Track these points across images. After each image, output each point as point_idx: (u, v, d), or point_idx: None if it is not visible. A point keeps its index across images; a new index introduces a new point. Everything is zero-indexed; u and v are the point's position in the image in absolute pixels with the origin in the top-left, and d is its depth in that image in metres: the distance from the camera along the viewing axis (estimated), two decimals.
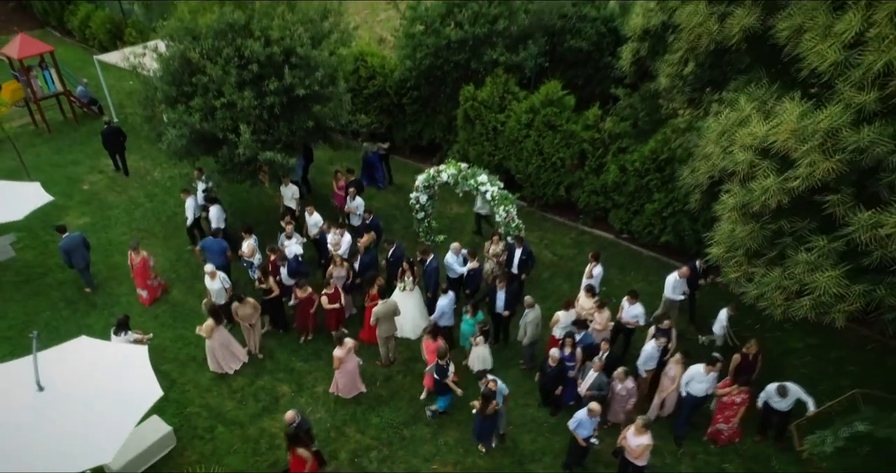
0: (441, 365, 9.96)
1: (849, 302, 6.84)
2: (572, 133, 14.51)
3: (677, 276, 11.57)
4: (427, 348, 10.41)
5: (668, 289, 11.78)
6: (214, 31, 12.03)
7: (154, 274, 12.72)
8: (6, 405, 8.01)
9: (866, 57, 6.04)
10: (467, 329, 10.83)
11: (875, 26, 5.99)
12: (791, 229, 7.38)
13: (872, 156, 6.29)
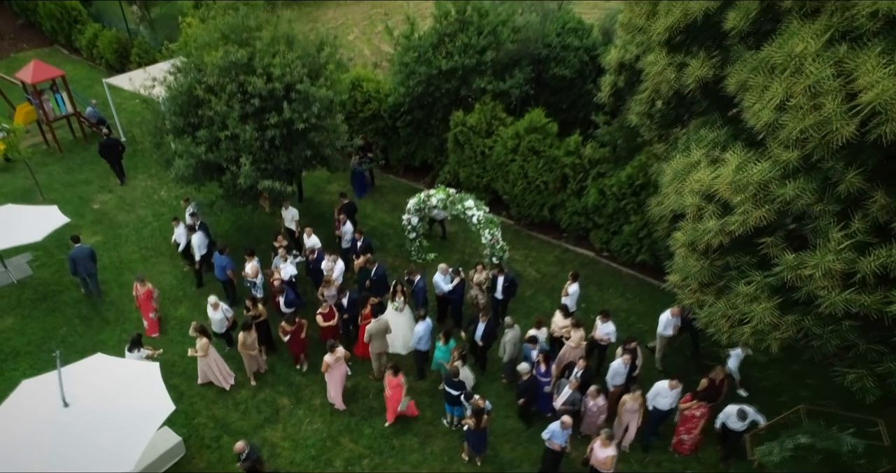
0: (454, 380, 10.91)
1: (782, 331, 7.78)
2: (555, 158, 15.44)
3: (669, 315, 11.94)
4: (389, 383, 11.11)
5: (661, 326, 12.12)
6: (220, 68, 12.95)
7: (155, 308, 13.31)
8: (35, 420, 8.93)
9: (788, 122, 6.97)
10: (440, 355, 11.71)
11: (794, 97, 6.92)
12: (735, 264, 8.32)
13: (797, 207, 7.23)
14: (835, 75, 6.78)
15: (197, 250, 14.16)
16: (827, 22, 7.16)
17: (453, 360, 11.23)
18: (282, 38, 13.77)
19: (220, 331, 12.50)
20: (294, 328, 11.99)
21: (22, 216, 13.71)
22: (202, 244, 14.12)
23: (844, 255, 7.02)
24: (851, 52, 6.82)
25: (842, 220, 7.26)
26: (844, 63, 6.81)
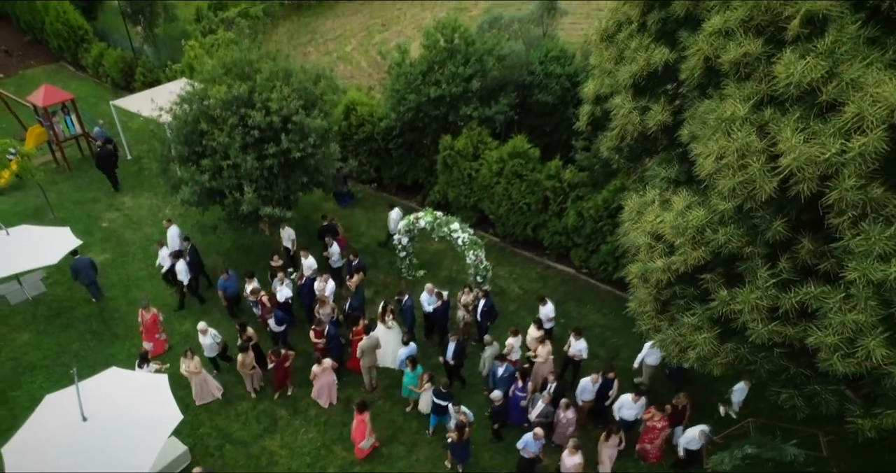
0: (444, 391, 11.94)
1: (721, 357, 8.80)
2: (537, 181, 16.45)
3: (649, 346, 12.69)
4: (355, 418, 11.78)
5: (647, 355, 12.87)
6: (222, 102, 13.94)
7: (161, 330, 14.18)
8: (56, 434, 9.94)
9: (719, 179, 7.97)
10: (409, 380, 12.58)
11: (725, 156, 7.92)
12: (681, 295, 9.32)
13: (727, 250, 8.24)
14: (760, 138, 7.79)
15: (182, 276, 14.90)
16: (756, 87, 8.17)
17: (421, 384, 12.17)
18: (280, 71, 14.74)
19: (211, 355, 13.45)
20: (279, 359, 12.81)
21: (37, 237, 14.67)
22: (184, 270, 14.88)
23: (769, 292, 8.04)
24: (774, 116, 7.84)
25: (769, 261, 8.28)
26: (768, 127, 7.83)
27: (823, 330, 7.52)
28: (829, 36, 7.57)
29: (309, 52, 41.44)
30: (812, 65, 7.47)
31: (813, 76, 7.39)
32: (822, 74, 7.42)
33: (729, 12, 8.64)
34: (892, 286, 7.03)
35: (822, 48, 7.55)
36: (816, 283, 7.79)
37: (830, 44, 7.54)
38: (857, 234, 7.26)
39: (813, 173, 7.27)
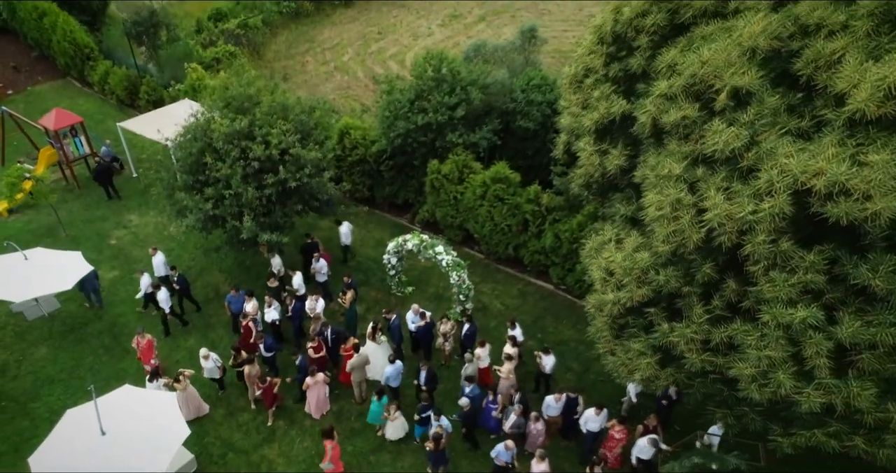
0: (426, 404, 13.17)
1: (661, 381, 10.03)
2: (517, 205, 17.64)
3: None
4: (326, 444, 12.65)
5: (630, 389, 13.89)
6: (225, 135, 15.10)
7: (155, 355, 14.92)
8: (78, 446, 11.16)
9: (657, 227, 9.18)
10: (375, 409, 13.67)
11: (662, 208, 9.11)
12: (632, 324, 10.54)
13: (668, 289, 9.45)
14: (691, 193, 9.00)
15: (164, 304, 15.88)
16: (692, 147, 9.38)
17: (387, 413, 13.34)
18: (278, 106, 15.89)
19: (213, 378, 14.61)
20: (266, 386, 13.82)
21: (53, 261, 15.79)
22: (166, 299, 15.86)
23: (703, 327, 9.26)
24: (705, 174, 9.05)
25: (704, 299, 9.50)
26: (699, 184, 9.04)
27: (743, 363, 8.76)
28: (751, 109, 8.78)
29: (307, 62, 42.53)
30: (735, 134, 8.69)
31: (735, 145, 8.61)
32: (743, 143, 8.64)
33: (673, 78, 9.85)
34: (798, 328, 8.25)
35: (745, 119, 8.77)
36: (742, 321, 9.03)
37: (752, 116, 8.75)
38: (768, 281, 8.48)
39: (732, 228, 8.49)
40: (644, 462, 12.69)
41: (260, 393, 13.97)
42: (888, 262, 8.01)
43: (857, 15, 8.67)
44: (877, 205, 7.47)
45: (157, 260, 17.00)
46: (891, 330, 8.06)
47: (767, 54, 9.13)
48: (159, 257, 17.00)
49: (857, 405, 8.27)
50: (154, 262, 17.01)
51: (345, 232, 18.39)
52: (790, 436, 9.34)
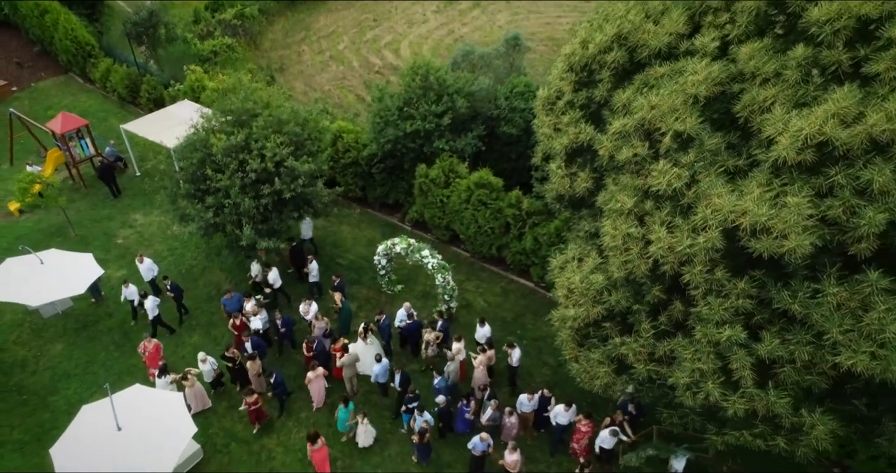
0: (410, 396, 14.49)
1: (618, 387, 11.30)
2: (500, 209, 18.78)
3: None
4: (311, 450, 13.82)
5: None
6: (224, 149, 16.16)
7: (162, 357, 15.99)
8: (97, 440, 12.46)
9: (610, 256, 10.35)
10: (342, 415, 14.66)
11: (615, 239, 10.28)
12: (592, 335, 11.78)
13: (619, 308, 10.67)
14: (640, 226, 10.17)
15: (150, 313, 16.95)
16: (643, 182, 10.51)
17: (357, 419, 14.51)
18: (274, 120, 16.90)
19: (210, 380, 15.80)
20: (252, 400, 14.80)
21: (67, 263, 16.96)
22: (153, 307, 16.96)
23: (648, 341, 10.51)
24: (652, 209, 10.20)
25: (651, 316, 10.73)
26: (647, 217, 10.20)
27: (680, 373, 10.02)
28: (692, 152, 9.91)
29: (303, 51, 43.20)
30: (677, 174, 9.83)
31: (676, 185, 9.76)
32: (684, 183, 9.78)
33: (627, 118, 10.95)
34: (725, 345, 9.50)
35: (686, 161, 9.90)
36: (683, 337, 10.28)
37: (693, 157, 9.88)
38: (706, 305, 9.70)
39: (673, 259, 9.69)
40: (606, 452, 14.06)
41: (245, 408, 14.93)
42: (805, 289, 9.23)
43: (788, 65, 9.73)
44: (791, 243, 8.64)
45: (143, 266, 17.94)
46: (806, 348, 9.32)
47: (710, 97, 10.23)
48: (147, 263, 17.96)
49: (775, 411, 9.56)
50: (141, 269, 17.94)
51: (306, 227, 19.65)
52: (723, 435, 10.66)
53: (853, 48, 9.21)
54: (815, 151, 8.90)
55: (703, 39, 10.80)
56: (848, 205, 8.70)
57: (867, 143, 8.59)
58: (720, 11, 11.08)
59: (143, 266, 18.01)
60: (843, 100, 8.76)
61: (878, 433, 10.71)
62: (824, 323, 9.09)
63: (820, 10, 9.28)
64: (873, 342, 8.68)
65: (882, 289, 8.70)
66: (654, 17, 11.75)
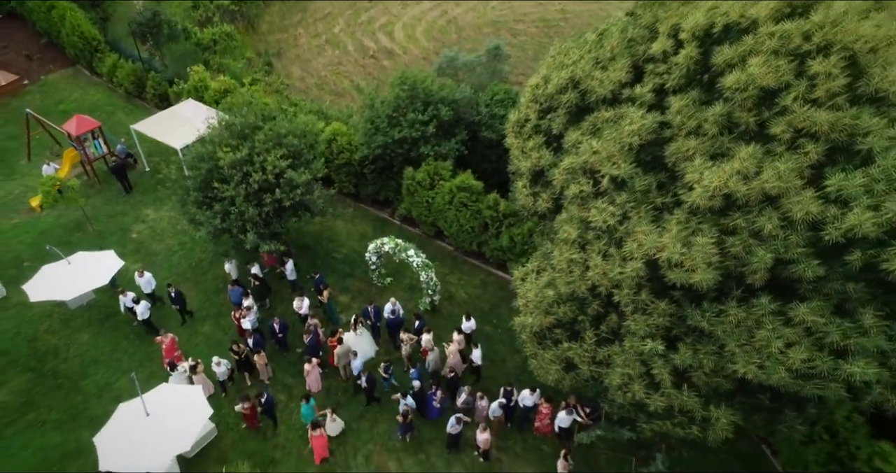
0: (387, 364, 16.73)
1: (567, 382, 13.46)
2: (479, 210, 20.71)
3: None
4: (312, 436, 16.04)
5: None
6: (230, 163, 17.98)
7: (177, 348, 18.14)
8: (130, 425, 14.69)
9: (557, 277, 12.35)
10: (305, 411, 16.46)
11: (559, 263, 12.26)
12: (548, 337, 13.89)
13: (566, 319, 12.74)
14: (582, 252, 12.16)
15: (140, 315, 18.86)
16: (587, 215, 12.43)
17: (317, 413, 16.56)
18: (273, 134, 18.67)
19: (222, 380, 17.88)
20: (248, 406, 16.66)
21: (91, 261, 18.99)
22: (144, 311, 18.86)
23: (591, 347, 12.61)
24: (593, 238, 12.17)
25: (594, 325, 12.81)
26: (587, 246, 12.18)
27: (613, 375, 12.16)
28: (624, 193, 11.83)
29: (300, 35, 44.49)
30: (612, 213, 11.77)
31: (611, 222, 11.69)
32: (617, 219, 11.72)
33: (575, 157, 12.80)
34: (648, 355, 11.60)
35: (620, 201, 11.81)
36: (618, 344, 12.37)
37: (625, 198, 11.79)
38: (633, 321, 11.77)
39: (607, 283, 11.71)
40: (564, 430, 16.34)
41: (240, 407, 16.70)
42: (713, 309, 11.30)
43: (707, 120, 11.56)
44: (697, 276, 10.65)
45: (143, 280, 19.63)
46: (712, 357, 11.44)
47: (644, 143, 12.09)
48: (146, 277, 19.68)
49: (688, 407, 11.73)
50: (141, 282, 19.62)
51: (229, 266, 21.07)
52: (650, 423, 12.87)
53: (759, 111, 11.05)
54: (723, 198, 10.83)
55: (641, 89, 12.60)
56: (745, 244, 10.68)
57: (761, 196, 10.53)
58: (659, 62, 12.83)
59: (142, 279, 19.66)
60: (745, 159, 10.64)
61: (780, 421, 12.95)
62: (725, 337, 11.20)
63: (732, 78, 11.08)
64: (761, 355, 10.78)
65: (770, 312, 10.76)
66: (603, 63, 13.49)
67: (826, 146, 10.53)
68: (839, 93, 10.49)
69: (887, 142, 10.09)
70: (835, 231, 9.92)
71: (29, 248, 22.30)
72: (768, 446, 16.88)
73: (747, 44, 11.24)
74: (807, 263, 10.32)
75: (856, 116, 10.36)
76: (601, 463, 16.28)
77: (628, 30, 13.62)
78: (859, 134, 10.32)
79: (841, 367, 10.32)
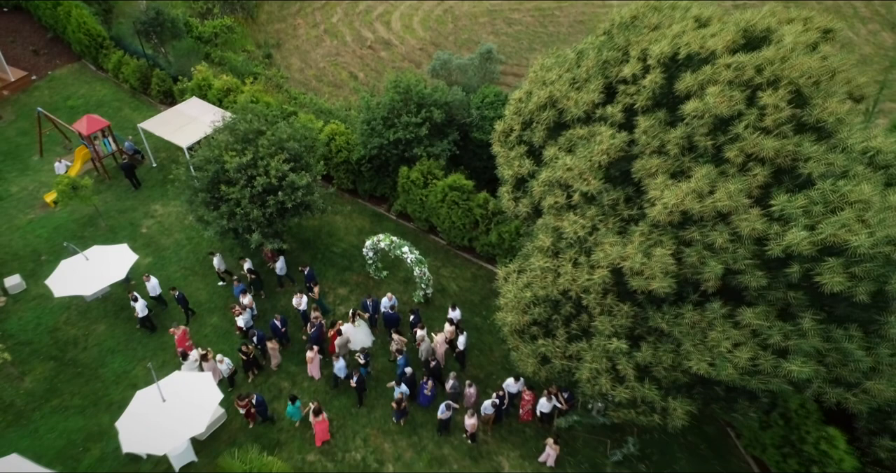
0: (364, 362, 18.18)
1: (545, 373, 14.89)
2: (470, 208, 21.99)
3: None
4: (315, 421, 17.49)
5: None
6: (236, 166, 19.21)
7: (188, 338, 19.56)
8: (146, 410, 16.15)
9: (533, 282, 13.70)
10: (290, 410, 17.82)
11: (533, 271, 13.59)
12: (526, 333, 15.28)
13: (541, 318, 14.12)
14: (554, 260, 13.48)
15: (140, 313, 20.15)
16: (560, 224, 13.74)
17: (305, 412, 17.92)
18: (276, 140, 19.86)
19: (226, 376, 19.24)
20: (243, 403, 17.94)
21: (107, 256, 20.30)
22: (142, 308, 20.13)
23: (563, 343, 14.01)
24: (564, 247, 13.49)
25: (566, 324, 14.19)
26: (560, 254, 13.51)
27: (583, 370, 13.57)
28: (594, 207, 13.11)
29: (298, 25, 45.23)
30: (581, 225, 13.07)
31: (581, 233, 13.00)
32: (586, 231, 13.03)
33: (550, 171, 14.06)
34: (614, 353, 13.00)
35: (590, 214, 13.11)
36: (587, 341, 13.77)
37: (594, 212, 13.09)
38: (600, 321, 13.14)
39: (576, 288, 13.06)
40: (545, 415, 17.84)
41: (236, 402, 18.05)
42: (671, 312, 12.67)
43: (670, 141, 12.79)
44: (656, 284, 11.99)
45: (150, 284, 20.75)
46: (670, 355, 12.84)
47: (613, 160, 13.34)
48: (153, 282, 20.80)
49: (649, 398, 13.17)
50: (148, 286, 20.75)
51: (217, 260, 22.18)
52: (617, 412, 14.33)
53: (714, 136, 12.28)
54: (681, 214, 12.13)
55: (612, 109, 13.81)
56: (700, 255, 12.01)
57: (714, 213, 11.82)
58: (630, 84, 14.01)
59: (149, 283, 20.82)
60: (700, 180, 11.93)
61: (734, 409, 14.41)
62: (682, 337, 12.61)
63: (691, 105, 12.31)
64: (712, 353, 12.18)
65: (721, 315, 12.14)
66: (578, 84, 14.68)
67: (772, 169, 11.82)
68: (785, 123, 11.73)
69: (825, 168, 11.37)
70: (776, 247, 11.24)
71: (45, 243, 23.61)
72: (732, 429, 18.39)
73: (706, 73, 12.44)
74: (752, 274, 11.67)
75: (798, 144, 11.64)
76: (579, 445, 17.81)
77: (603, 52, 14.77)
78: (801, 159, 11.60)
79: (782, 365, 11.71)
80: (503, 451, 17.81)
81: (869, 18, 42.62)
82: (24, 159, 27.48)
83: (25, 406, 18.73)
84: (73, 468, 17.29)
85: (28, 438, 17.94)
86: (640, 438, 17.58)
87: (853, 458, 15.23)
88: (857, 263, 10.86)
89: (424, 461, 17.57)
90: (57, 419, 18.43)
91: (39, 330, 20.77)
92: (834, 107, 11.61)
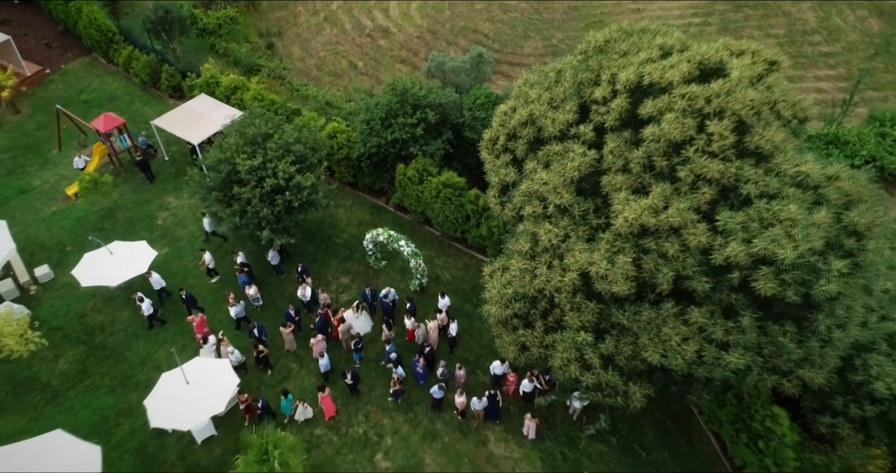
0: (357, 347, 20.22)
1: (524, 359, 16.90)
2: (462, 204, 23.80)
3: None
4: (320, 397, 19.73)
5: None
6: (248, 167, 20.97)
7: (206, 324, 21.58)
8: (172, 391, 18.21)
9: (513, 280, 15.62)
10: (284, 403, 19.61)
11: (513, 271, 15.49)
12: (508, 323, 17.25)
13: (521, 312, 16.07)
14: (531, 262, 15.38)
15: (146, 311, 21.84)
16: (537, 231, 15.59)
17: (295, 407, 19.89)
18: (283, 143, 21.58)
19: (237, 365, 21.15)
20: (244, 398, 19.81)
21: (129, 251, 22.18)
22: (148, 307, 21.85)
23: (540, 333, 15.98)
24: (541, 251, 15.37)
25: (543, 317, 16.15)
26: (536, 257, 15.39)
27: (555, 358, 15.57)
28: (566, 218, 14.94)
29: (299, 13, 46.32)
30: (555, 233, 14.92)
31: (554, 241, 14.86)
32: (559, 240, 14.89)
33: (529, 183, 15.83)
34: (581, 344, 14.97)
35: (563, 224, 14.95)
36: (560, 333, 15.74)
37: (566, 223, 14.93)
38: (570, 317, 15.09)
39: (550, 288, 14.98)
40: (527, 394, 19.96)
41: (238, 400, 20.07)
42: (631, 310, 14.60)
43: (632, 161, 14.55)
44: (617, 287, 13.89)
45: (153, 279, 22.60)
46: (630, 346, 14.82)
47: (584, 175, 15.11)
48: (155, 277, 22.62)
49: (612, 383, 15.18)
50: (151, 281, 22.65)
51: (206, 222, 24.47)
52: (587, 395, 16.38)
53: (670, 158, 14.04)
54: (639, 226, 13.96)
55: (584, 128, 15.54)
56: (655, 263, 13.88)
57: (667, 226, 13.66)
58: (601, 104, 15.70)
59: (152, 279, 22.68)
60: (656, 197, 13.73)
61: (690, 392, 16.47)
62: (640, 332, 14.55)
63: (649, 130, 14.05)
64: (664, 346, 14.14)
65: (672, 314, 14.07)
66: (556, 104, 16.37)
67: (718, 188, 13.63)
68: (728, 149, 13.48)
69: (761, 189, 13.18)
70: (719, 256, 13.10)
71: (70, 234, 25.46)
72: (696, 406, 20.51)
73: (664, 101, 14.15)
74: (699, 279, 13.57)
75: (740, 167, 13.42)
76: (557, 421, 19.96)
77: (578, 73, 16.41)
78: (742, 181, 13.40)
79: (723, 357, 13.69)
80: (489, 426, 19.95)
81: (857, 3, 43.38)
82: (45, 153, 29.15)
83: (61, 385, 20.82)
84: (106, 441, 19.41)
85: (65, 414, 20.06)
86: (611, 415, 19.71)
87: (795, 433, 17.38)
88: (787, 271, 12.74)
89: (419, 435, 19.73)
90: (90, 397, 20.53)
91: (69, 316, 22.76)
92: (771, 135, 13.37)
